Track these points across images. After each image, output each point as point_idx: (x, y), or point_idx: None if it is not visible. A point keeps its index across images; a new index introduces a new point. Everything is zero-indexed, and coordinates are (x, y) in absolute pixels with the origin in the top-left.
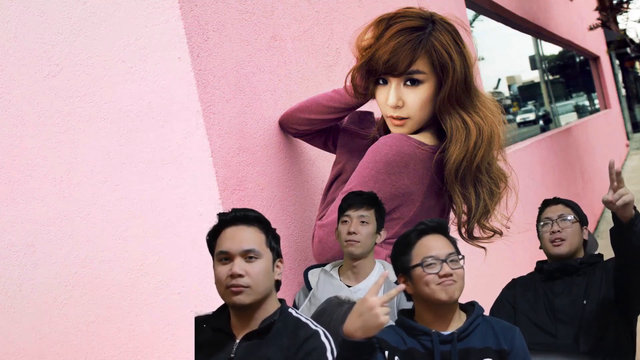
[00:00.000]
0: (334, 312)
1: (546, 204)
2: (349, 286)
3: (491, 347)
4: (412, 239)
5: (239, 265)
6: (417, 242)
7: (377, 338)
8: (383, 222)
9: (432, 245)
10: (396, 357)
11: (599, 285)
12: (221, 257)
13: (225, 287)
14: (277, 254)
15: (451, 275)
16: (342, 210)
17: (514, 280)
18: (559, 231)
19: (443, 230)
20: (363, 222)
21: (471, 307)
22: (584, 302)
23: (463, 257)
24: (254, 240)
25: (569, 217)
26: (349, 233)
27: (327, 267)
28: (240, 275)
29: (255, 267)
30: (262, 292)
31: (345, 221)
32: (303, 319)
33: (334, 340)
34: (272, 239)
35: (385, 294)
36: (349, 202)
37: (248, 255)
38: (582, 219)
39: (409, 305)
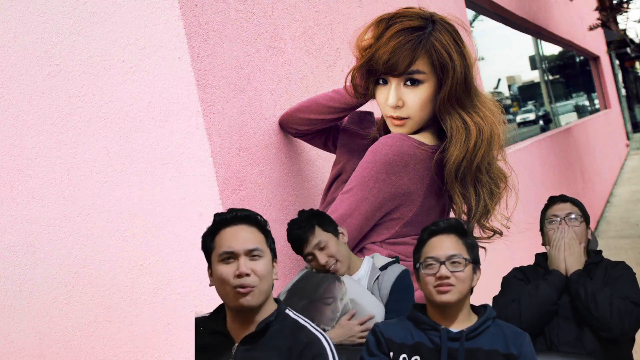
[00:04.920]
0: (309, 280)
1: (553, 201)
2: None
3: (499, 350)
4: (424, 238)
5: (245, 264)
6: (427, 242)
7: (384, 338)
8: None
9: (435, 246)
10: (403, 356)
11: (599, 286)
12: (224, 257)
13: (232, 287)
14: (274, 255)
15: (447, 278)
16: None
17: (519, 267)
18: None
19: (457, 231)
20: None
21: (483, 310)
22: None
23: (468, 260)
24: (257, 239)
25: (576, 216)
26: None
27: None
28: (247, 275)
29: (260, 265)
30: (266, 292)
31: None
32: (301, 321)
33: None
34: (270, 239)
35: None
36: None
37: (252, 254)
38: (586, 219)
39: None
